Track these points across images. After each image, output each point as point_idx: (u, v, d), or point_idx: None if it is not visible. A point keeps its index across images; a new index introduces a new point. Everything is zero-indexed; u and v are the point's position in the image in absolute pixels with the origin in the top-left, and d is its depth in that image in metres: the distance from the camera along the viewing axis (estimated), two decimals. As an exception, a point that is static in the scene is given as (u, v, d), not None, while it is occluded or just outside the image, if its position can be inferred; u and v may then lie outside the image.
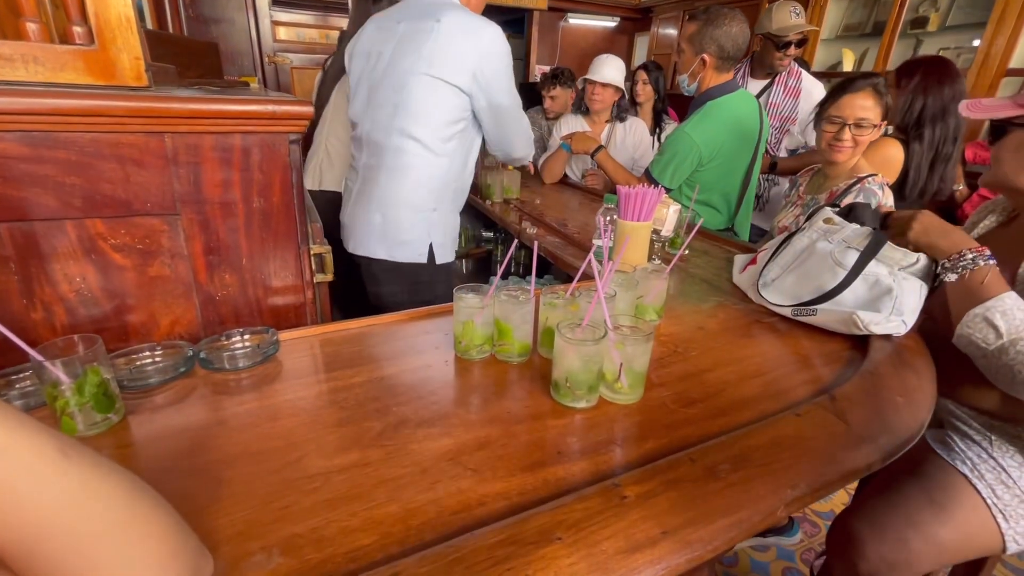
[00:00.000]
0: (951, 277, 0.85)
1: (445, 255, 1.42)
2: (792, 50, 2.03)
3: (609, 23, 4.76)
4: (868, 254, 0.86)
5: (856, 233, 0.90)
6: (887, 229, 0.98)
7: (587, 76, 2.30)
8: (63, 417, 0.57)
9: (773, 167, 2.09)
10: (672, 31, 4.34)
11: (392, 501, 0.51)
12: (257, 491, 0.52)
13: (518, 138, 1.41)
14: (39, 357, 0.55)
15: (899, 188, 1.64)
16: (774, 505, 0.52)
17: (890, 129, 1.52)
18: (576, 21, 4.65)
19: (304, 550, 0.45)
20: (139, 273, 0.79)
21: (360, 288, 1.57)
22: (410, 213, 1.33)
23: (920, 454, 0.99)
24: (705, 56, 1.62)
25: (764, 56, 2.12)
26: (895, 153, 1.60)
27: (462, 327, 0.77)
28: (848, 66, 3.22)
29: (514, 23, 5.07)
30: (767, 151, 2.13)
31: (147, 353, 0.73)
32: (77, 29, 0.66)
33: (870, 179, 1.29)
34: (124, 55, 0.69)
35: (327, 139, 1.87)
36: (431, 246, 1.37)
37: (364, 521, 0.49)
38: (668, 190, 1.72)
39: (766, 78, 2.14)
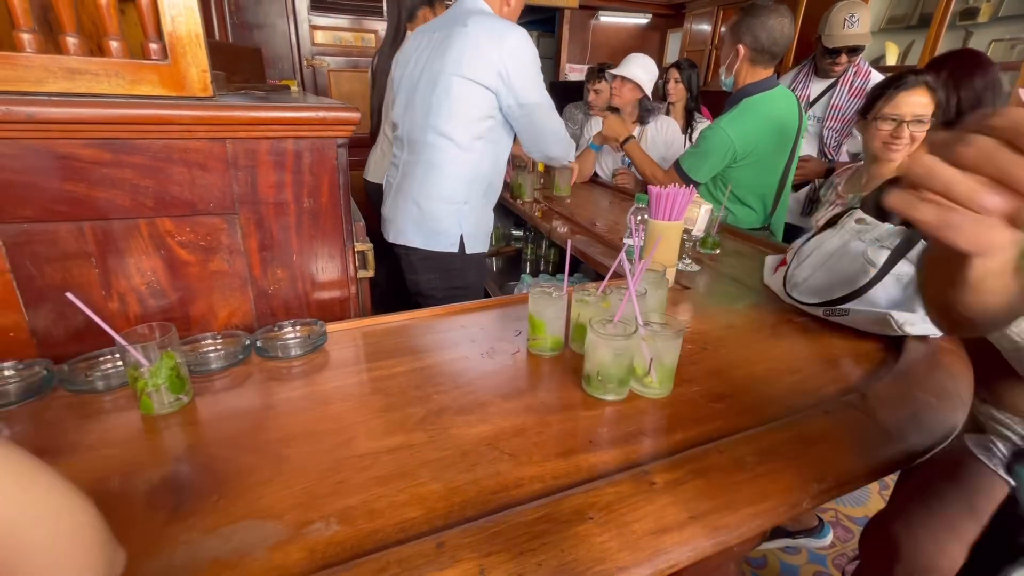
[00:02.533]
0: None
1: (475, 246, 1.50)
2: (842, 58, 1.96)
3: (641, 20, 4.72)
4: (899, 252, 0.85)
5: (889, 232, 0.89)
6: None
7: (616, 73, 2.30)
8: (142, 397, 0.64)
9: (830, 172, 2.01)
10: (706, 27, 4.27)
11: (435, 480, 0.55)
12: (313, 467, 0.57)
13: (552, 137, 1.47)
14: (123, 342, 0.61)
15: None
16: (800, 497, 0.54)
17: None
18: (607, 19, 4.63)
19: (358, 520, 0.50)
20: (201, 268, 0.85)
21: (397, 283, 1.64)
22: (443, 205, 1.42)
23: (960, 459, 0.97)
24: (740, 46, 1.60)
25: (818, 57, 2.06)
26: None
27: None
28: (892, 60, 3.11)
29: (545, 22, 5.08)
30: (824, 154, 2.08)
31: (210, 341, 0.79)
32: (153, 46, 0.73)
33: None
34: (193, 68, 0.75)
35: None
36: (461, 236, 1.46)
37: (410, 497, 0.53)
38: (697, 184, 1.72)
39: (830, 77, 2.06)
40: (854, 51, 1.96)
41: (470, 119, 1.35)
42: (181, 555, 0.46)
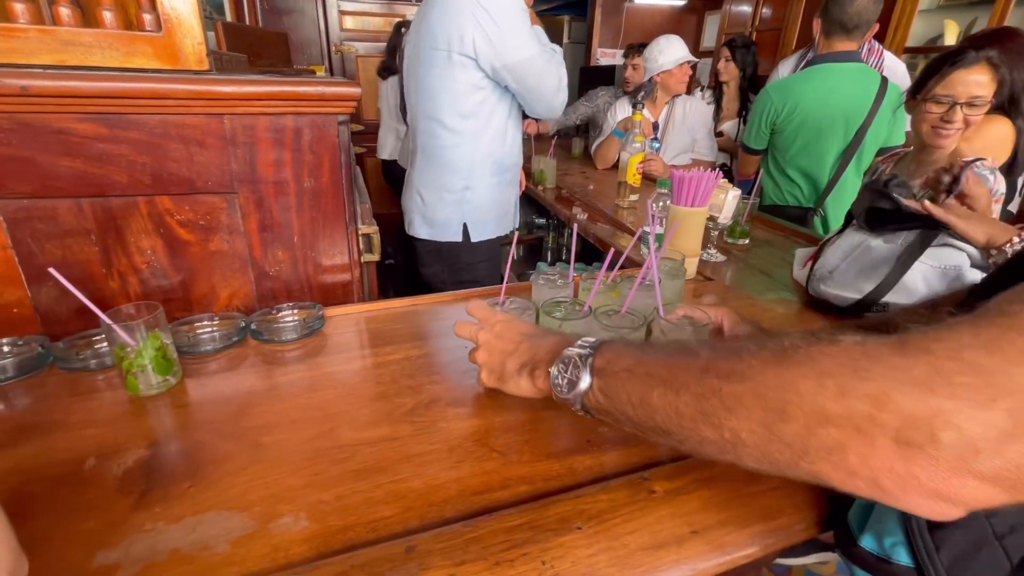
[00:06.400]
0: None
1: (482, 232, 1.41)
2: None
3: (677, 2, 4.53)
4: (912, 252, 0.77)
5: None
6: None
7: (682, 59, 2.12)
8: (128, 377, 0.62)
9: None
10: (746, 8, 4.05)
11: (416, 476, 0.51)
12: (291, 457, 0.54)
13: (552, 93, 1.27)
14: (108, 320, 0.60)
15: (1006, 172, 1.44)
16: (821, 514, 0.48)
17: None
18: (642, 1, 4.46)
19: (329, 517, 0.47)
20: (201, 248, 0.84)
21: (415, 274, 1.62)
22: (442, 194, 1.36)
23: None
24: (816, 19, 1.63)
25: None
26: (1006, 131, 1.40)
27: None
28: (951, 40, 2.87)
29: (576, 6, 4.94)
30: None
31: (206, 322, 0.77)
32: (147, 16, 0.71)
33: (978, 163, 1.13)
34: (188, 40, 0.72)
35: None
36: (464, 225, 1.38)
37: (387, 493, 0.49)
38: (759, 152, 1.75)
39: None
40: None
41: (455, 95, 1.23)
42: (141, 544, 0.43)
